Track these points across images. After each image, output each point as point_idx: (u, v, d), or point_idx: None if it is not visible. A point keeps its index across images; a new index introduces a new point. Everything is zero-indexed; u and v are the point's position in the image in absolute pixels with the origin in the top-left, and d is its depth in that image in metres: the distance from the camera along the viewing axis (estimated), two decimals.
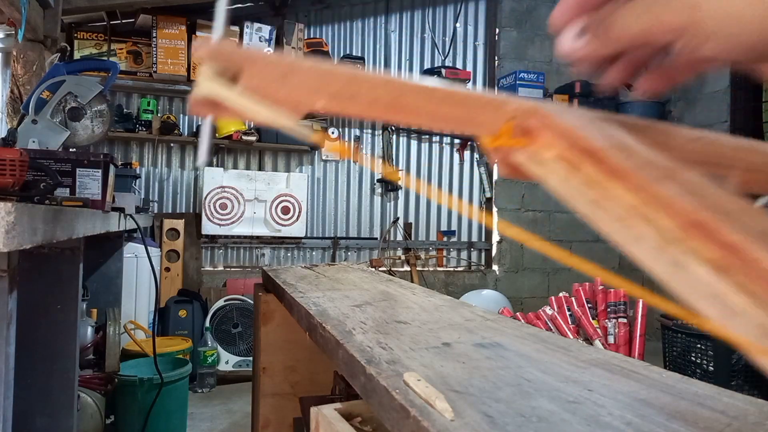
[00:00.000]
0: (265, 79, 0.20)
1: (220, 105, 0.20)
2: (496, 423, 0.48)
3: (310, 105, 0.22)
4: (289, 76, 0.21)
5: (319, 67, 0.22)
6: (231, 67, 0.20)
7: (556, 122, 0.23)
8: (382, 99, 0.22)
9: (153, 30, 3.38)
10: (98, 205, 1.55)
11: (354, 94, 0.22)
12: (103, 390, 2.14)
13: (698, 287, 0.17)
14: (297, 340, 1.50)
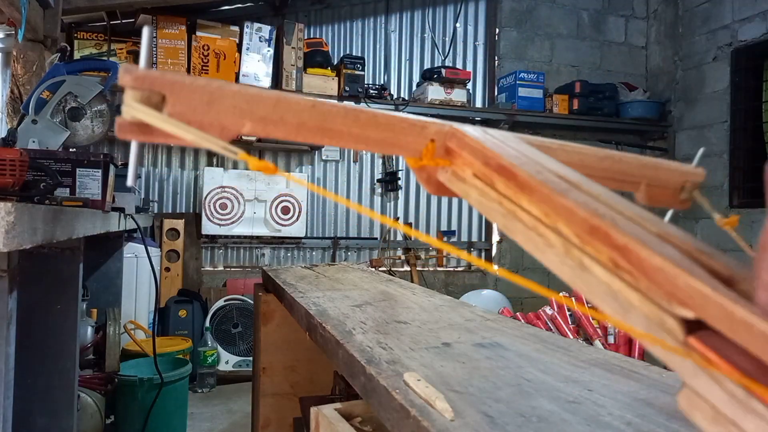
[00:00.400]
0: (191, 104, 0.21)
1: (147, 129, 0.20)
2: (496, 423, 0.48)
3: (236, 128, 0.22)
4: (216, 101, 0.21)
5: (246, 92, 0.22)
6: (157, 92, 0.20)
7: (471, 143, 0.24)
8: (309, 122, 0.23)
9: (153, 30, 3.38)
10: (98, 205, 1.55)
11: (281, 117, 0.23)
12: (103, 390, 2.14)
13: (598, 287, 0.19)
14: (297, 340, 1.50)
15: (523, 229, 0.22)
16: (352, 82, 3.68)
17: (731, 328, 0.16)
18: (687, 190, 0.33)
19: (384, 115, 0.24)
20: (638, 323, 0.18)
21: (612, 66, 4.60)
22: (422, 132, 0.25)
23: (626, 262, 0.18)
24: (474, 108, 4.23)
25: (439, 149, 0.25)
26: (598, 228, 0.19)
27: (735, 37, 3.98)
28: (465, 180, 0.25)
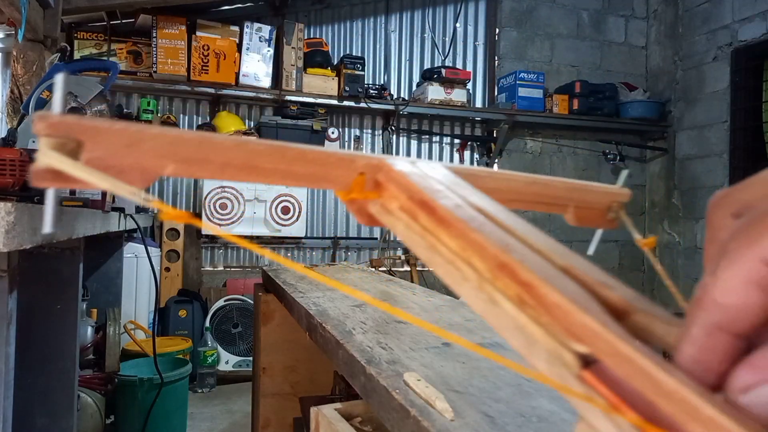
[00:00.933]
0: (109, 148, 0.20)
1: (62, 176, 0.20)
2: (496, 423, 0.48)
3: (158, 170, 0.22)
4: (135, 144, 0.21)
5: (167, 134, 0.22)
6: (73, 139, 0.20)
7: (397, 177, 0.25)
8: (235, 161, 0.23)
9: (153, 30, 3.38)
10: (98, 205, 1.55)
11: (205, 158, 0.22)
12: (103, 390, 2.14)
13: (506, 321, 0.20)
14: (297, 340, 1.50)
15: (443, 263, 0.22)
16: (352, 82, 3.68)
17: (616, 363, 0.17)
18: (613, 210, 0.35)
19: (312, 150, 0.24)
20: (541, 357, 0.19)
21: (612, 66, 4.60)
22: (351, 165, 0.25)
23: (530, 297, 0.19)
24: (474, 108, 4.23)
25: (369, 182, 0.25)
26: (507, 264, 0.20)
27: (735, 37, 3.98)
28: (392, 213, 0.25)
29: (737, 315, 0.17)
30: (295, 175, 0.24)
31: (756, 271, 0.16)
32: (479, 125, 4.39)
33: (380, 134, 4.16)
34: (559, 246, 0.22)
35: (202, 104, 3.78)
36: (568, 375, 0.18)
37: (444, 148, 4.34)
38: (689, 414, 0.16)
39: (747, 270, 0.16)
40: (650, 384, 0.16)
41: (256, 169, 0.23)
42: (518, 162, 4.37)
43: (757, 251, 0.16)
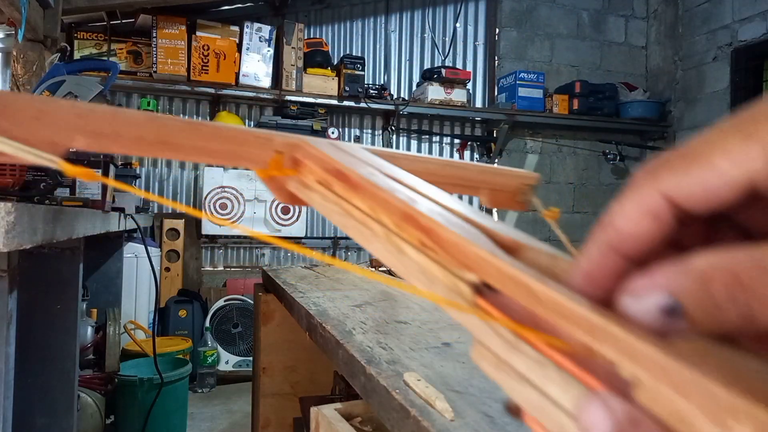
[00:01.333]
0: (17, 120, 0.21)
1: None
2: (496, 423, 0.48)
3: (67, 143, 0.22)
4: (43, 117, 0.21)
5: (76, 107, 0.22)
6: None
7: (314, 152, 0.26)
8: (148, 136, 0.23)
9: (153, 30, 3.38)
10: (98, 205, 1.55)
11: (116, 132, 0.22)
12: (103, 390, 2.14)
13: (411, 266, 0.22)
14: (297, 340, 1.50)
15: (355, 224, 0.24)
16: (352, 82, 3.67)
17: (502, 283, 0.18)
18: (523, 192, 0.37)
19: (228, 128, 0.24)
20: (441, 292, 0.20)
21: (612, 66, 4.59)
22: (268, 144, 0.26)
23: (430, 240, 0.21)
24: (474, 108, 4.23)
25: (287, 161, 0.26)
26: (410, 214, 0.21)
27: (735, 37, 3.98)
28: (310, 187, 0.26)
29: (629, 238, 0.18)
30: (212, 153, 0.24)
31: (652, 202, 0.18)
32: (479, 125, 4.39)
33: (380, 134, 4.16)
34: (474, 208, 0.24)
35: (202, 104, 3.78)
36: (465, 304, 0.20)
37: (444, 148, 4.34)
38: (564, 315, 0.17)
39: (645, 199, 0.18)
40: (532, 296, 0.18)
41: (171, 145, 0.23)
42: (518, 162, 4.37)
43: (656, 185, 0.18)
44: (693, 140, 0.18)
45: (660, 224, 0.18)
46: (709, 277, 0.16)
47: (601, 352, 0.16)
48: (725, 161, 0.17)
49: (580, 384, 0.17)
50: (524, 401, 0.18)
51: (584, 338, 0.17)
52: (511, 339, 0.19)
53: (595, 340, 0.16)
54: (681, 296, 0.16)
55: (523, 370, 0.18)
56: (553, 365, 0.17)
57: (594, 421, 0.16)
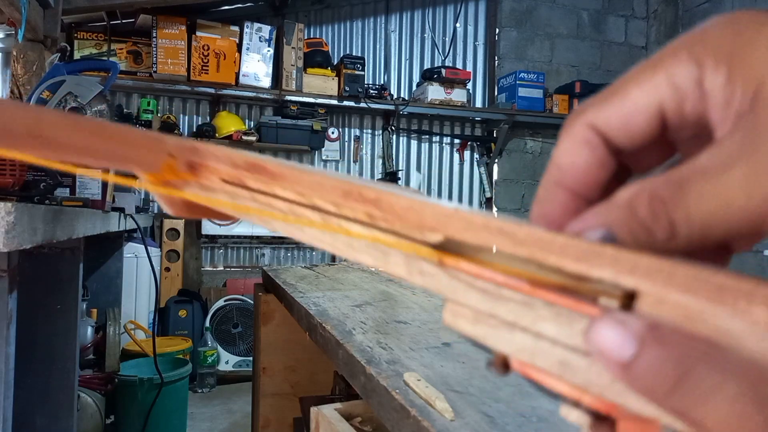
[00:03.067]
0: None
1: None
2: (496, 423, 0.48)
3: None
4: None
5: None
6: None
7: (215, 151, 0.24)
8: (18, 128, 0.20)
9: (153, 30, 3.38)
10: (98, 205, 1.55)
11: None
12: (103, 390, 2.14)
13: (358, 243, 0.21)
14: (297, 340, 1.50)
15: (282, 216, 0.22)
16: (352, 82, 3.68)
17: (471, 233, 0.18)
18: None
19: (113, 125, 0.22)
20: (398, 262, 0.20)
21: (612, 66, 4.59)
22: (159, 146, 0.23)
23: (379, 211, 0.20)
24: (474, 108, 4.23)
25: (181, 165, 0.24)
26: (351, 190, 0.20)
27: None
28: (213, 188, 0.24)
29: (570, 171, 0.20)
30: (94, 153, 0.21)
31: (582, 132, 0.19)
32: (479, 125, 4.39)
33: (380, 134, 4.16)
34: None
35: (202, 104, 3.78)
36: (429, 267, 0.19)
37: (444, 148, 4.34)
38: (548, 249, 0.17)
39: (575, 131, 0.20)
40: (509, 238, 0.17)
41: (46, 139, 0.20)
42: (518, 162, 4.37)
43: (583, 118, 0.20)
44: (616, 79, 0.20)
45: (594, 153, 0.20)
46: (634, 204, 0.17)
47: (596, 275, 0.16)
48: (637, 90, 0.18)
49: (578, 314, 0.16)
50: (515, 349, 0.18)
51: (574, 266, 0.16)
52: (489, 288, 0.18)
53: (588, 264, 0.16)
54: (613, 227, 0.17)
55: (510, 316, 0.18)
56: (542, 303, 0.17)
57: (609, 340, 0.15)
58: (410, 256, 0.19)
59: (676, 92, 0.18)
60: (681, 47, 0.18)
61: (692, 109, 0.18)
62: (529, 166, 4.40)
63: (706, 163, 0.17)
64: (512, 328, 0.18)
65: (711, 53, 0.18)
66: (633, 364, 0.15)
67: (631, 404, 0.16)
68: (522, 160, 4.38)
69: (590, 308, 0.16)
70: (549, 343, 0.17)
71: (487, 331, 0.18)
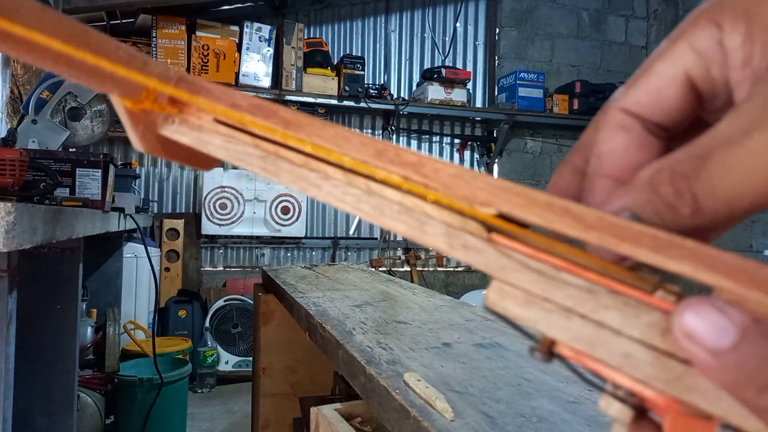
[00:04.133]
0: None
1: None
2: (496, 423, 0.48)
3: None
4: None
5: None
6: None
7: (208, 86, 0.22)
8: None
9: (153, 30, 3.38)
10: (98, 205, 1.55)
11: None
12: (103, 390, 2.14)
13: (389, 207, 0.19)
14: (297, 340, 1.50)
15: (291, 168, 0.20)
16: (352, 81, 3.67)
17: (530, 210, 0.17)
18: None
19: (99, 34, 0.19)
20: (437, 234, 0.18)
21: (612, 66, 4.60)
22: (143, 68, 0.20)
23: (419, 175, 0.18)
24: (474, 108, 4.23)
25: (162, 96, 0.21)
26: (385, 150, 0.19)
27: None
28: (202, 127, 0.21)
29: (608, 157, 0.19)
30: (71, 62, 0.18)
31: (615, 119, 0.19)
32: (479, 125, 4.39)
33: (380, 134, 4.16)
34: None
35: None
36: (476, 242, 0.18)
37: (444, 148, 4.34)
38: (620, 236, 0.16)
39: (609, 121, 0.19)
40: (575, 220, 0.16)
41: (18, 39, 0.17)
42: (518, 162, 4.37)
43: (612, 107, 0.19)
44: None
45: (630, 135, 0.19)
46: (655, 182, 0.17)
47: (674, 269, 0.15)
48: (661, 64, 0.18)
49: (647, 306, 0.16)
50: (571, 336, 0.17)
51: (650, 257, 0.15)
52: (546, 270, 0.17)
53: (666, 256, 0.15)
54: (635, 208, 0.17)
55: (568, 302, 0.17)
56: (607, 291, 0.16)
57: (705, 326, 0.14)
58: (453, 228, 0.18)
59: (700, 58, 0.18)
60: (700, 14, 0.18)
61: (719, 73, 0.17)
62: (529, 166, 4.40)
63: (726, 131, 0.16)
64: (570, 315, 0.17)
65: (729, 12, 0.17)
66: (727, 354, 0.14)
67: (698, 401, 0.15)
68: (522, 160, 4.38)
69: (661, 302, 0.16)
70: (612, 334, 0.16)
71: (539, 315, 0.17)
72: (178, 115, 0.22)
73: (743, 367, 0.14)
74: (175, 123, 0.22)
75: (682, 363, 0.15)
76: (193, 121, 0.22)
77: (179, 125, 0.22)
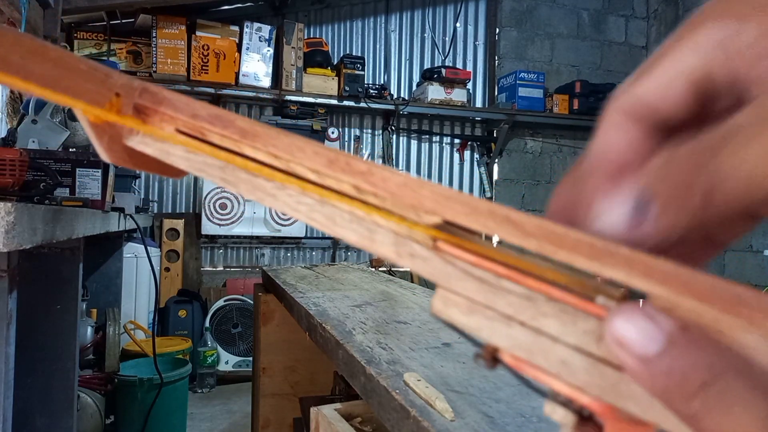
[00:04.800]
0: None
1: None
2: (496, 423, 0.48)
3: None
4: None
5: None
6: None
7: (171, 96, 0.22)
8: None
9: (153, 30, 3.38)
10: (98, 205, 1.55)
11: None
12: (103, 390, 2.14)
13: (341, 216, 0.19)
14: (297, 340, 1.50)
15: (248, 178, 0.21)
16: (352, 81, 3.67)
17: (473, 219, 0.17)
18: None
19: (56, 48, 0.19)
20: (385, 242, 0.18)
21: (612, 66, 4.60)
22: (106, 81, 0.21)
23: (369, 185, 0.18)
24: (474, 108, 4.23)
25: (127, 107, 0.21)
26: (336, 158, 0.19)
27: None
28: (165, 139, 0.21)
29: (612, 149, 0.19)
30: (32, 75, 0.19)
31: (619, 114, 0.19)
32: (479, 125, 4.39)
33: (380, 134, 4.16)
34: None
35: None
36: (422, 250, 0.18)
37: (444, 148, 4.34)
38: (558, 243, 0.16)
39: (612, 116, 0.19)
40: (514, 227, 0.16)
41: None
42: (518, 162, 4.37)
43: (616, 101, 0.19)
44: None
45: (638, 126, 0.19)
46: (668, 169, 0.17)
47: (608, 276, 0.15)
48: (666, 60, 0.18)
49: (583, 313, 0.16)
50: (511, 344, 0.17)
51: (586, 264, 0.15)
52: (488, 278, 0.17)
53: (601, 263, 0.15)
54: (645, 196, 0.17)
55: (508, 310, 0.17)
56: (545, 298, 0.16)
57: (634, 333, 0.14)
58: (400, 236, 0.18)
59: (710, 52, 0.17)
60: (707, 10, 0.17)
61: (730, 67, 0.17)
62: (529, 166, 4.40)
63: (743, 121, 0.16)
64: (510, 322, 0.17)
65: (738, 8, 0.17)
66: (656, 360, 0.14)
67: (632, 408, 0.15)
68: (522, 160, 4.38)
69: (596, 308, 0.16)
70: (549, 341, 0.16)
71: (481, 323, 0.17)
72: (142, 126, 0.22)
73: (671, 375, 0.14)
74: (139, 134, 0.22)
75: (616, 370, 0.15)
76: (157, 131, 0.22)
77: (143, 136, 0.22)
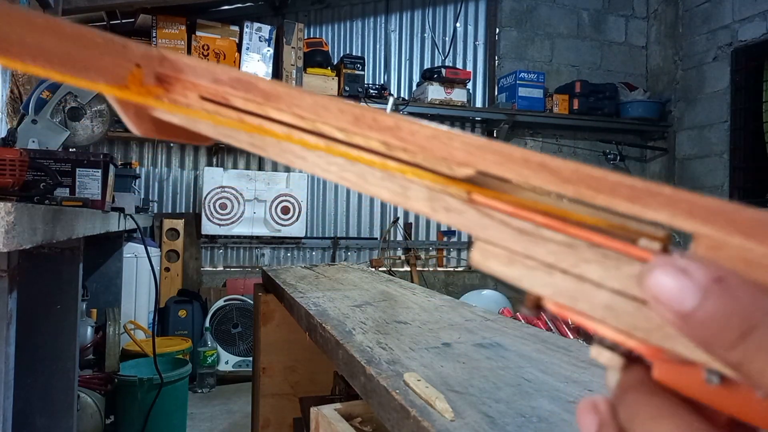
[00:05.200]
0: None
1: None
2: (496, 423, 0.48)
3: None
4: None
5: None
6: None
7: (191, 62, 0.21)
8: None
9: (153, 30, 3.38)
10: (98, 205, 1.55)
11: None
12: (103, 390, 2.14)
13: (371, 174, 0.19)
14: (297, 340, 1.50)
15: (275, 142, 0.20)
16: (352, 81, 3.67)
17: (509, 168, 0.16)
18: None
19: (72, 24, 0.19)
20: (419, 198, 0.18)
21: (612, 66, 4.59)
22: (123, 52, 0.20)
23: (398, 140, 0.18)
24: (474, 108, 4.23)
25: (149, 77, 0.21)
26: (363, 115, 0.18)
27: (735, 37, 3.98)
28: (190, 105, 0.21)
29: None
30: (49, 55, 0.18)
31: None
32: (479, 125, 4.39)
33: None
34: None
35: None
36: (457, 203, 0.18)
37: None
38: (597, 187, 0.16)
39: None
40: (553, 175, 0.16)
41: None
42: None
43: None
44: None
45: None
46: None
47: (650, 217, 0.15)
48: None
49: (626, 257, 0.15)
50: (554, 292, 0.17)
51: (627, 207, 0.15)
52: (527, 228, 0.17)
53: (642, 205, 0.15)
54: None
55: (550, 258, 0.16)
56: (587, 245, 0.16)
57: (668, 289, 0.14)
58: (434, 191, 0.18)
59: None
60: None
61: None
62: None
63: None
64: (552, 270, 0.17)
65: None
66: (693, 314, 0.14)
67: (680, 349, 0.15)
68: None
69: (640, 251, 0.15)
70: (593, 287, 0.16)
71: (522, 273, 0.17)
72: (165, 95, 0.21)
73: (709, 326, 0.14)
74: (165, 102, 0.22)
75: None
76: (181, 99, 0.21)
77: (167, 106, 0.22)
